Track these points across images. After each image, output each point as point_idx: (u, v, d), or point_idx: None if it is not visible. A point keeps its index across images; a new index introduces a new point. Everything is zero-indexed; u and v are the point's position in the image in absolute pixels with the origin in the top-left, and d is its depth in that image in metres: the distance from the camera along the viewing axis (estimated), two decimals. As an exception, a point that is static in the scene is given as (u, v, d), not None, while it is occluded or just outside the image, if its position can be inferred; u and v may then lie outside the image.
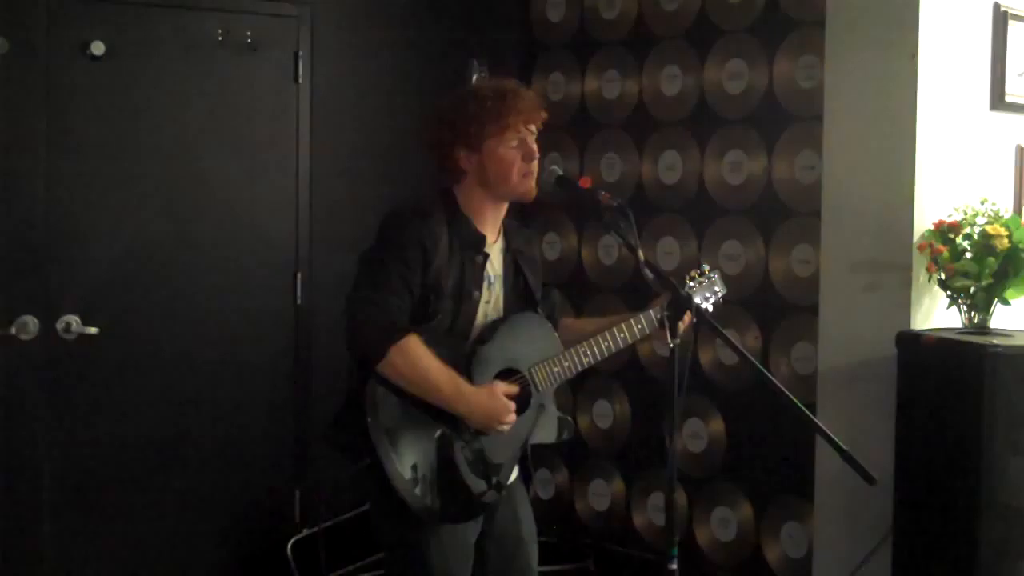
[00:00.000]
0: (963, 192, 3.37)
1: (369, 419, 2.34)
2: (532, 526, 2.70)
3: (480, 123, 2.46)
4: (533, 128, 2.52)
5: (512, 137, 2.47)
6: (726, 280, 2.89)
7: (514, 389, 2.47)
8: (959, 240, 3.23)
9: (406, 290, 2.38)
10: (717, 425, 4.01)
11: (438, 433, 2.42)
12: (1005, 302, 3.21)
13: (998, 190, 3.53)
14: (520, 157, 2.48)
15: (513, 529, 2.63)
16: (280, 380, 3.92)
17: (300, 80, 3.91)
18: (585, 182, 2.48)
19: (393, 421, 2.37)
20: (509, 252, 2.61)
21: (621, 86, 4.27)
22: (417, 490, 2.37)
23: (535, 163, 2.49)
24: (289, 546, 3.84)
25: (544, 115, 2.55)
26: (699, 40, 4.03)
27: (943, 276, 3.22)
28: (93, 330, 3.49)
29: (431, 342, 2.38)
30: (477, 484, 2.46)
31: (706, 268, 2.81)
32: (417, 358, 2.34)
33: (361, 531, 3.67)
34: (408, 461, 2.37)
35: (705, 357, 4.00)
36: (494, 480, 2.48)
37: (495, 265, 2.57)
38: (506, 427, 2.45)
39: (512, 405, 2.45)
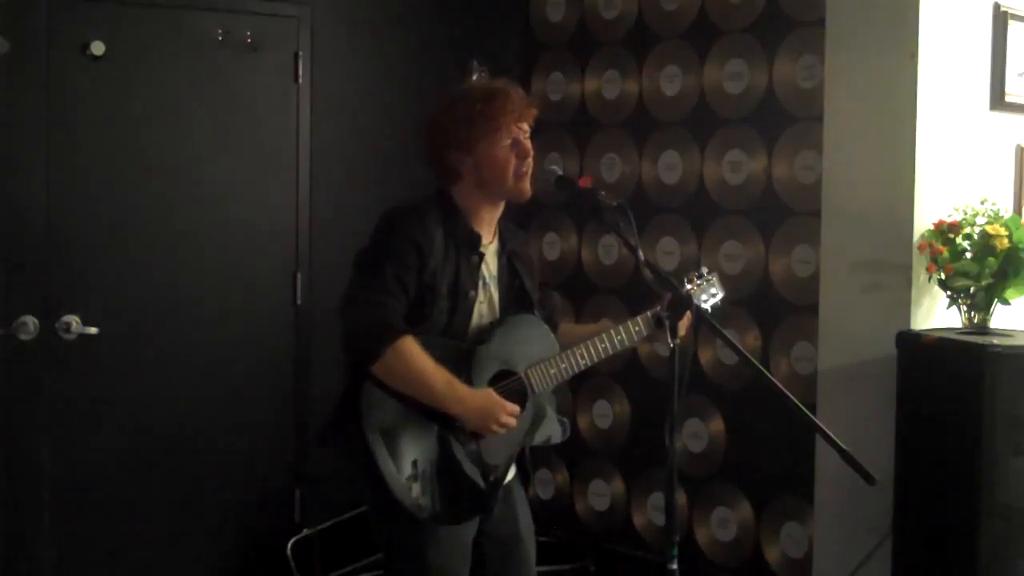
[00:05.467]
0: (963, 192, 3.37)
1: (363, 419, 2.33)
2: (530, 525, 2.69)
3: (470, 125, 2.45)
4: (525, 127, 2.50)
5: (504, 137, 2.46)
6: (724, 282, 2.88)
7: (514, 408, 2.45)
8: (959, 240, 3.23)
9: (402, 291, 2.37)
10: (717, 425, 4.01)
11: (438, 430, 2.41)
12: (1005, 302, 3.21)
13: (998, 190, 3.53)
14: (515, 156, 2.47)
15: (511, 528, 2.62)
16: (280, 380, 3.92)
17: (300, 80, 3.91)
18: (585, 182, 2.47)
19: (389, 420, 2.36)
20: (504, 253, 2.60)
21: (621, 86, 4.27)
22: (414, 489, 2.36)
23: (530, 160, 2.48)
24: (289, 546, 3.84)
25: (535, 112, 2.53)
26: (699, 40, 4.03)
27: (943, 276, 3.22)
28: (93, 330, 3.49)
29: (428, 343, 2.37)
30: (476, 482, 2.45)
31: (704, 271, 2.78)
32: (413, 359, 2.33)
33: (361, 531, 3.67)
34: (407, 458, 2.36)
35: (705, 357, 4.00)
36: (491, 479, 2.48)
37: (490, 266, 2.56)
38: (503, 429, 2.43)
39: (512, 407, 2.44)
